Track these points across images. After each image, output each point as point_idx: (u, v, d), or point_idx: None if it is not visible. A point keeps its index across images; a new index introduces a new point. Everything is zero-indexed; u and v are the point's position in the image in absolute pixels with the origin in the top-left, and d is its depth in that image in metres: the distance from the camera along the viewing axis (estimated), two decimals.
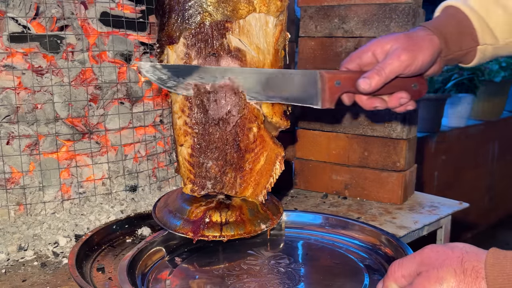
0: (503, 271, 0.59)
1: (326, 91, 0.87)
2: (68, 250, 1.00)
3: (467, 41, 0.90)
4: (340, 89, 0.87)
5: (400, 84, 0.88)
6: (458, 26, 0.89)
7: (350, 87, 0.87)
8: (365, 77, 0.84)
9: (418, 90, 0.90)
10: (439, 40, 0.87)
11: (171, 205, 0.96)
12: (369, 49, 0.88)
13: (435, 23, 0.90)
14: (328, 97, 0.87)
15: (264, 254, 0.93)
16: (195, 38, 0.86)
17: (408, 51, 0.84)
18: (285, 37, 0.92)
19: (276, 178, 0.93)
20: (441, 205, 1.36)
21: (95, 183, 1.19)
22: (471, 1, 0.90)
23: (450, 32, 0.88)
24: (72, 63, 1.13)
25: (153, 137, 1.29)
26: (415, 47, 0.84)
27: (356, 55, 0.89)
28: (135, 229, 1.08)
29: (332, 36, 1.40)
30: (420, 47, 0.85)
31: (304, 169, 1.49)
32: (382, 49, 0.86)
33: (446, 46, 0.88)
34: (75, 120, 1.15)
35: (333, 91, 0.87)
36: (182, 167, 0.92)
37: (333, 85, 0.87)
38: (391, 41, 0.86)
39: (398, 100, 0.89)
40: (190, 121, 0.88)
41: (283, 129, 0.95)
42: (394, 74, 0.84)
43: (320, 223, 1.05)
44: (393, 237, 0.94)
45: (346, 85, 0.87)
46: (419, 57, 0.84)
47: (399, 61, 0.83)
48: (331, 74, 0.87)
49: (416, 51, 0.84)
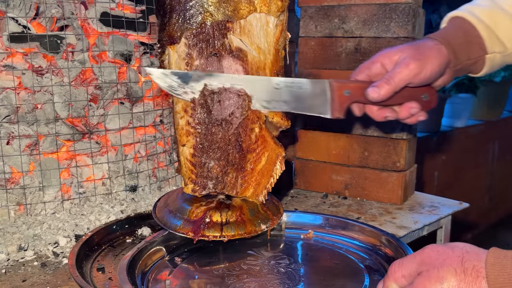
0: (503, 271, 0.59)
1: (335, 100, 0.87)
2: (68, 250, 1.00)
3: (475, 50, 0.90)
4: (349, 98, 0.87)
5: (410, 94, 0.87)
6: (465, 36, 0.90)
7: (359, 96, 0.87)
8: (374, 86, 0.85)
9: (428, 101, 0.89)
10: (447, 50, 0.87)
11: (171, 205, 0.96)
12: (377, 60, 0.88)
13: (442, 33, 0.91)
14: (338, 107, 0.87)
15: (264, 254, 0.94)
16: (197, 38, 0.86)
17: (417, 60, 0.84)
18: (285, 37, 0.92)
19: (276, 178, 0.93)
20: (441, 205, 1.37)
21: (95, 183, 1.19)
22: (478, 11, 0.91)
23: (458, 42, 0.89)
24: (72, 63, 1.13)
25: (153, 137, 1.29)
26: (423, 56, 0.85)
27: (365, 66, 0.90)
28: (135, 229, 1.08)
29: (332, 36, 1.40)
30: (428, 56, 0.85)
31: (304, 169, 1.49)
32: (391, 60, 0.87)
33: (455, 56, 0.89)
34: (75, 120, 1.15)
35: (343, 101, 0.87)
36: (184, 167, 0.92)
37: (342, 94, 0.87)
38: (399, 52, 0.86)
39: (408, 111, 0.89)
40: (193, 121, 0.88)
41: (284, 129, 0.95)
42: (403, 82, 0.84)
43: (320, 223, 1.05)
44: (393, 237, 0.94)
45: (356, 94, 0.87)
46: (427, 66, 0.85)
47: (408, 69, 0.84)
48: (340, 83, 0.87)
49: (424, 60, 0.84)
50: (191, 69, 0.87)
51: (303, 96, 0.87)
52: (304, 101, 0.88)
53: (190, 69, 0.87)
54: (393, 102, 0.88)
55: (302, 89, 0.87)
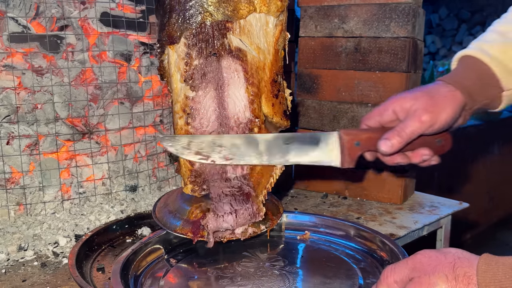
0: (494, 278, 0.59)
1: (345, 152, 0.87)
2: (68, 250, 1.00)
3: (491, 90, 0.87)
4: (359, 149, 0.87)
5: (424, 141, 0.86)
6: (480, 77, 0.87)
7: (370, 146, 0.87)
8: (386, 139, 0.83)
9: (442, 146, 0.88)
10: (462, 95, 0.84)
11: (171, 205, 0.96)
12: (389, 107, 0.86)
13: (455, 76, 0.87)
14: (348, 158, 0.87)
15: (260, 256, 0.93)
16: (196, 38, 0.86)
17: (430, 112, 0.82)
18: (285, 37, 0.92)
19: (276, 178, 0.92)
20: (441, 205, 1.37)
21: (95, 183, 1.19)
22: (488, 48, 0.87)
23: (472, 84, 0.86)
24: (72, 63, 1.13)
25: (153, 137, 1.29)
26: (436, 107, 0.82)
27: (376, 112, 0.88)
28: (135, 229, 1.08)
29: (332, 36, 1.40)
30: (442, 106, 0.82)
31: (304, 169, 1.49)
32: (402, 108, 0.84)
33: (471, 99, 0.86)
34: (75, 120, 1.15)
35: (353, 152, 0.87)
36: (183, 167, 0.92)
37: (352, 146, 0.86)
38: (411, 100, 0.83)
39: (420, 157, 0.87)
40: (192, 121, 0.88)
41: (284, 129, 0.95)
42: (415, 135, 0.83)
43: (316, 224, 1.05)
44: (389, 240, 0.94)
45: (366, 145, 0.87)
46: (441, 117, 0.82)
47: (420, 122, 0.81)
48: (351, 136, 0.87)
49: (437, 111, 0.82)
50: (190, 69, 0.87)
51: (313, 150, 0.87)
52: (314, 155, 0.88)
53: (189, 69, 0.87)
54: (405, 149, 0.87)
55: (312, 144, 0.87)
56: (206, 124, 0.89)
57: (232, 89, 0.88)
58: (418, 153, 0.87)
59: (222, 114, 0.89)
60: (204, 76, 0.88)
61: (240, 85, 0.88)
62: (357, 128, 0.91)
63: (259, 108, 0.90)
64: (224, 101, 0.89)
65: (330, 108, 1.43)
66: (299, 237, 1.03)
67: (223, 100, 0.89)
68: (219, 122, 0.89)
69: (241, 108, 0.89)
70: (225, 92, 0.88)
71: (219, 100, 0.89)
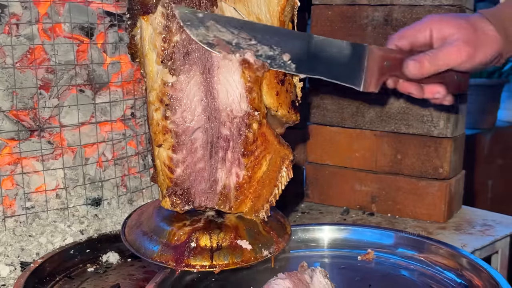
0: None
1: (373, 71, 0.92)
2: (11, 282, 0.99)
3: None
4: (388, 70, 0.92)
5: (444, 74, 0.94)
6: None
7: (397, 70, 0.92)
8: (415, 60, 0.91)
9: (458, 84, 0.96)
10: (503, 41, 0.94)
11: (145, 224, 0.96)
12: (426, 27, 0.95)
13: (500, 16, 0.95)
14: (375, 79, 0.92)
15: None
16: (178, 6, 0.86)
17: (470, 47, 0.91)
18: (293, 4, 0.92)
19: (282, 189, 0.93)
20: (497, 224, 1.37)
21: (46, 195, 1.19)
22: None
23: None
24: (17, 39, 1.13)
25: (123, 135, 1.29)
26: (478, 44, 0.92)
27: (410, 32, 0.96)
28: (99, 254, 1.08)
29: (355, 4, 1.40)
30: (483, 45, 0.92)
31: (319, 177, 1.49)
32: (440, 33, 0.94)
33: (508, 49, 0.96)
34: (21, 113, 1.15)
35: (382, 73, 0.92)
36: (161, 174, 0.92)
37: (382, 66, 0.92)
38: (453, 28, 0.93)
39: (434, 94, 0.97)
40: (172, 114, 0.88)
41: (292, 124, 0.95)
42: (448, 66, 0.92)
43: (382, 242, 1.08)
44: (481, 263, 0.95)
45: (395, 68, 0.92)
46: (478, 56, 0.92)
47: (457, 55, 0.91)
48: (383, 52, 0.92)
49: (477, 48, 0.92)
50: (169, 46, 0.87)
51: (337, 59, 0.92)
52: (337, 66, 0.92)
53: (168, 46, 0.87)
54: (424, 81, 0.94)
55: (338, 51, 0.92)
56: (190, 118, 0.89)
57: (223, 73, 0.88)
58: (432, 89, 0.96)
59: (211, 105, 0.89)
60: (187, 56, 0.87)
61: (234, 68, 0.88)
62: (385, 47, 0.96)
63: (259, 98, 0.89)
64: (213, 88, 0.88)
65: (351, 98, 1.43)
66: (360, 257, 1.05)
67: (212, 87, 0.88)
68: (206, 115, 0.89)
69: (236, 98, 0.89)
70: (215, 77, 0.88)
71: (206, 87, 0.88)
